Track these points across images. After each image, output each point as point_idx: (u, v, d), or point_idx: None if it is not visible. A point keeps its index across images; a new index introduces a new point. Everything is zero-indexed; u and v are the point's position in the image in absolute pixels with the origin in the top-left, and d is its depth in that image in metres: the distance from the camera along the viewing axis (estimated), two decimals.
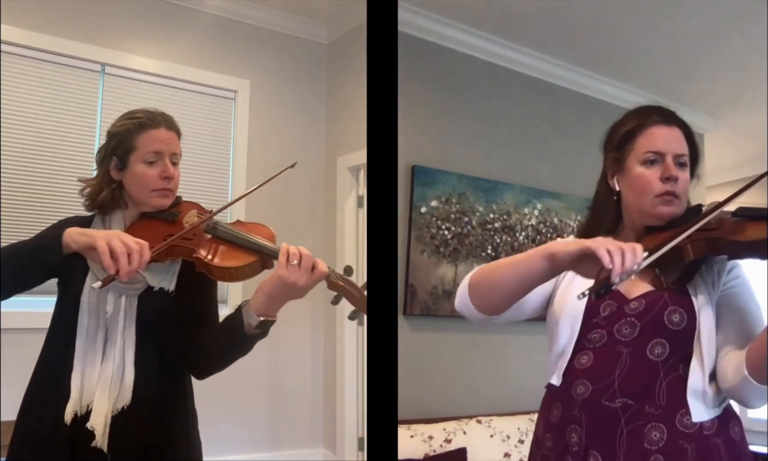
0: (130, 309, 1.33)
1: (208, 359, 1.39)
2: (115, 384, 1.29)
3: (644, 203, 1.25)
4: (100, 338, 1.31)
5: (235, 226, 1.42)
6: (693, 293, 1.19)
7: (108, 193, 1.42)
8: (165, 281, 1.37)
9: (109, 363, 1.30)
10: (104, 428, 1.26)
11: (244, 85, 3.78)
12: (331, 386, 3.77)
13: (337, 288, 1.35)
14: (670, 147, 1.24)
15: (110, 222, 1.42)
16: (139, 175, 1.39)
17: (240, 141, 3.74)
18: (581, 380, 1.21)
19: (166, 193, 1.41)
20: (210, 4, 3.67)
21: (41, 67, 3.20)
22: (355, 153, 3.72)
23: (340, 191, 3.81)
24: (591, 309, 1.24)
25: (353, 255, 3.75)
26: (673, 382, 1.16)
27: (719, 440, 1.14)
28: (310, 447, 3.79)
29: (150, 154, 1.38)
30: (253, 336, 1.32)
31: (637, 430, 1.13)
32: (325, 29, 4.04)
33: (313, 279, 1.29)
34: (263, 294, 1.29)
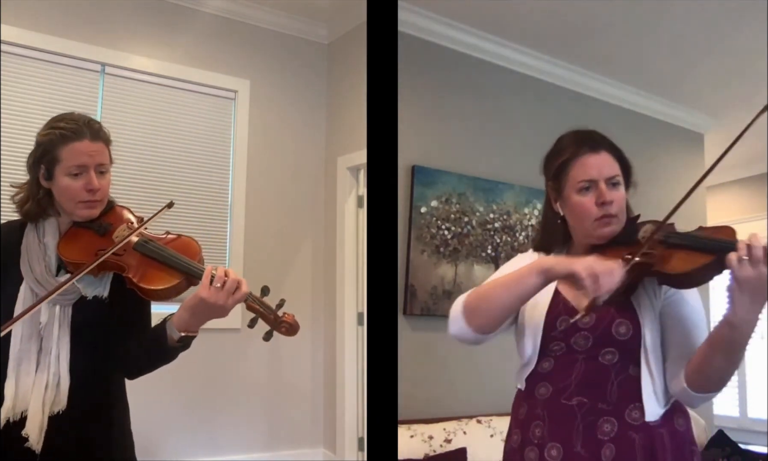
0: (64, 318, 1.35)
1: (136, 364, 1.43)
2: (50, 391, 1.31)
3: (585, 227, 1.37)
4: (34, 347, 1.33)
5: (166, 243, 1.43)
6: (636, 305, 1.32)
7: (34, 204, 1.42)
8: (99, 288, 1.39)
9: (43, 371, 1.32)
10: (39, 434, 1.29)
11: (244, 85, 3.78)
12: (331, 386, 3.77)
13: (253, 310, 1.38)
14: (602, 172, 1.35)
15: (43, 229, 1.42)
16: (64, 187, 1.38)
17: (240, 141, 3.74)
18: (543, 383, 1.38)
19: (93, 205, 1.40)
20: (210, 4, 3.67)
21: (41, 67, 3.20)
22: (355, 153, 3.72)
23: (340, 191, 3.81)
24: (549, 324, 1.38)
25: (353, 255, 3.75)
26: (623, 382, 1.31)
27: (664, 430, 1.29)
28: (310, 447, 3.79)
29: (73, 167, 1.37)
30: (175, 349, 1.36)
31: (591, 424, 1.30)
32: (325, 29, 4.04)
33: (233, 301, 1.31)
34: (185, 311, 1.32)
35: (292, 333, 1.40)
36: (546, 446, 1.32)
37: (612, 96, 4.15)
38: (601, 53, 3.74)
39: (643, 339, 1.30)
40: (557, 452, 1.31)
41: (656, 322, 1.32)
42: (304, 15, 3.91)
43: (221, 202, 3.65)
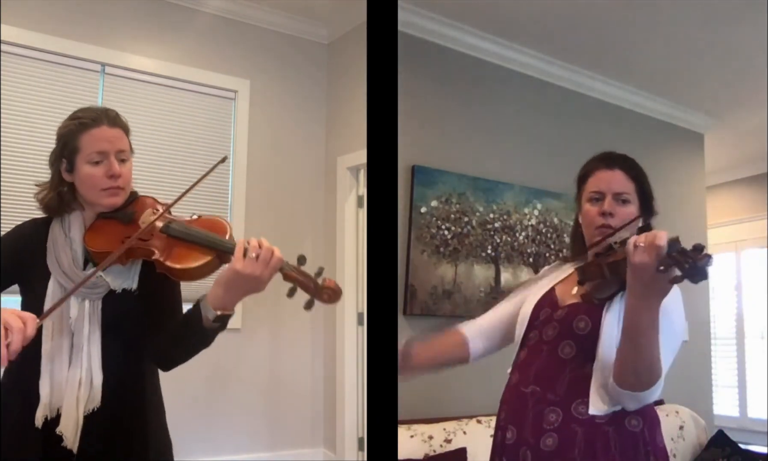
0: (94, 312, 1.34)
1: (171, 353, 1.39)
2: (84, 389, 1.30)
3: (589, 234, 1.52)
4: (66, 343, 1.32)
5: (191, 223, 1.42)
6: (607, 308, 1.39)
7: (55, 197, 1.42)
8: (127, 281, 1.38)
9: (76, 367, 1.31)
10: (74, 432, 1.28)
11: (244, 85, 3.78)
12: (331, 386, 3.77)
13: (292, 279, 1.33)
14: (610, 187, 1.49)
15: (69, 223, 1.42)
16: (86, 175, 1.38)
17: (240, 141, 3.74)
18: (515, 371, 1.52)
19: (116, 192, 1.40)
20: (210, 4, 3.67)
21: (41, 67, 3.20)
22: (355, 153, 3.72)
23: (340, 191, 3.81)
24: (534, 315, 1.52)
25: (353, 255, 3.75)
26: (576, 377, 1.38)
27: (610, 429, 1.34)
28: (310, 447, 3.79)
29: (94, 153, 1.37)
30: (211, 330, 1.31)
31: (539, 412, 1.38)
32: (325, 29, 4.04)
33: (269, 271, 1.27)
34: (220, 287, 1.28)
35: (335, 300, 1.35)
36: (505, 428, 1.45)
37: (612, 96, 4.15)
38: (601, 53, 3.73)
39: (600, 338, 1.37)
40: (512, 435, 1.42)
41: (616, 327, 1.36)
42: (304, 15, 3.91)
43: (221, 202, 3.65)
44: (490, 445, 1.60)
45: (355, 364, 3.68)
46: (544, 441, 1.35)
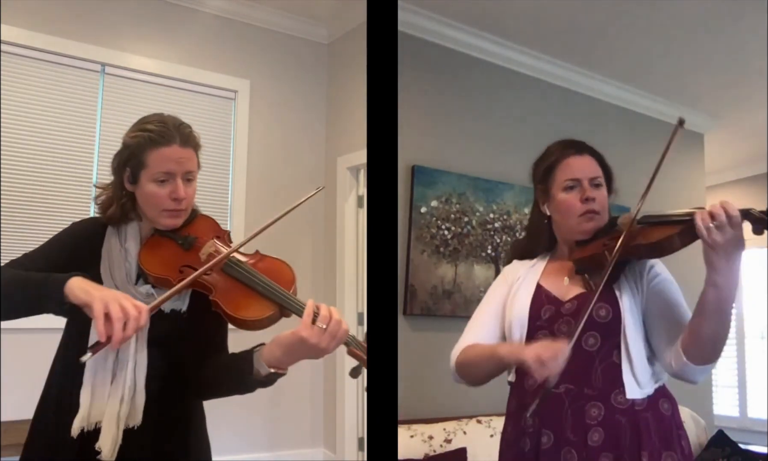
0: (141, 330, 1.28)
1: (210, 388, 1.36)
2: (126, 406, 1.26)
3: (570, 223, 1.49)
4: (111, 358, 1.27)
5: (255, 264, 1.36)
6: (618, 291, 1.39)
7: (117, 208, 1.36)
8: (178, 302, 1.33)
9: (119, 384, 1.26)
10: (113, 447, 1.24)
11: (244, 85, 3.78)
12: (331, 386, 3.77)
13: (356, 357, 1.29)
14: (585, 172, 1.48)
15: (125, 233, 1.37)
16: (149, 193, 1.32)
17: (240, 141, 3.74)
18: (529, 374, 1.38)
19: (177, 214, 1.36)
20: (210, 4, 3.67)
21: (41, 67, 3.20)
22: (355, 153, 3.72)
23: (340, 191, 3.81)
24: (534, 314, 1.47)
25: (353, 255, 3.75)
26: (607, 368, 1.37)
27: (648, 414, 1.34)
28: (310, 447, 3.79)
29: (160, 173, 1.31)
30: (258, 382, 1.27)
31: (579, 409, 1.35)
32: (326, 29, 4.04)
33: (335, 344, 1.23)
34: (279, 348, 1.22)
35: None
36: (538, 434, 1.37)
37: (612, 96, 4.15)
38: (600, 53, 3.73)
39: (623, 323, 1.36)
40: (548, 439, 1.36)
41: (637, 307, 1.38)
42: (304, 15, 3.91)
43: (221, 202, 3.65)
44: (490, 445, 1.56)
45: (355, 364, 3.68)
46: (591, 436, 1.32)
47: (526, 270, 1.58)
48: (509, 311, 1.53)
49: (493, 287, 1.65)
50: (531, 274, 1.56)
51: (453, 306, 3.33)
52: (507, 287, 1.59)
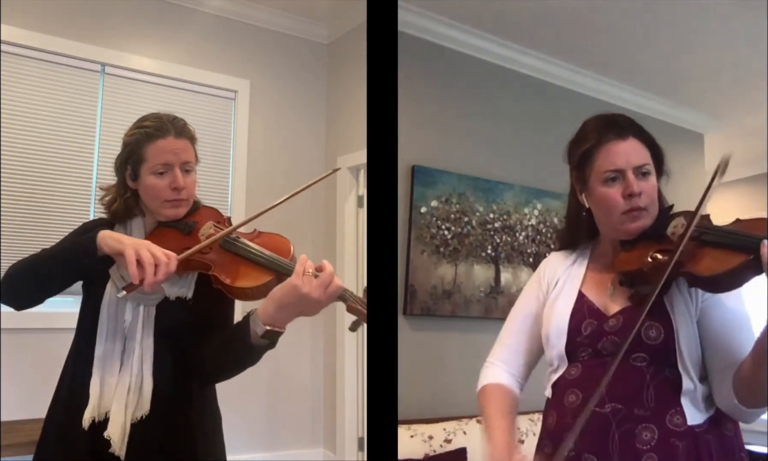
0: (148, 318, 1.32)
1: (215, 367, 1.36)
2: (133, 394, 1.28)
3: (612, 221, 1.27)
4: (119, 346, 1.31)
5: (253, 239, 1.40)
6: (669, 306, 1.20)
7: (121, 203, 1.42)
8: (183, 289, 1.36)
9: (127, 372, 1.29)
10: (122, 437, 1.26)
11: (244, 85, 3.78)
12: (331, 386, 3.77)
13: (356, 313, 1.29)
14: (629, 161, 1.25)
15: (131, 229, 1.42)
16: (150, 186, 1.38)
17: (240, 141, 3.74)
18: (572, 390, 1.26)
19: (178, 204, 1.41)
20: (210, 4, 3.66)
21: (41, 67, 3.20)
22: (355, 153, 3.72)
23: (340, 191, 3.81)
24: (574, 329, 1.29)
25: (353, 255, 3.75)
26: (660, 385, 1.18)
27: (710, 436, 1.17)
28: (310, 447, 3.79)
29: (158, 165, 1.37)
30: (259, 347, 1.27)
31: (628, 432, 1.17)
32: (325, 29, 4.04)
33: (327, 295, 1.23)
34: (273, 302, 1.24)
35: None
36: (579, 458, 1.20)
37: (612, 96, 4.15)
38: (601, 53, 3.73)
39: (678, 344, 1.18)
40: None
41: (692, 326, 1.20)
42: (304, 15, 3.91)
43: (221, 202, 3.65)
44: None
45: (355, 364, 3.68)
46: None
47: (566, 270, 1.39)
48: (547, 321, 1.35)
49: (525, 291, 1.47)
50: (571, 279, 1.37)
51: (453, 306, 3.33)
52: (542, 292, 1.42)
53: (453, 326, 3.33)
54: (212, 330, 1.37)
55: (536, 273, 1.47)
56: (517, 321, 1.45)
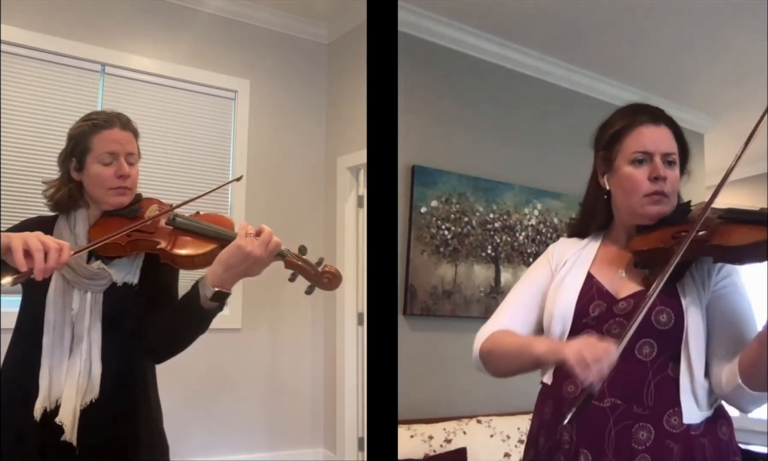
0: (95, 305, 1.37)
1: (167, 339, 1.40)
2: (83, 379, 1.33)
3: (633, 202, 1.27)
4: (67, 334, 1.35)
5: (195, 217, 1.47)
6: (682, 293, 1.20)
7: (65, 192, 1.47)
8: (129, 275, 1.42)
9: (76, 358, 1.34)
10: (73, 422, 1.30)
11: (244, 85, 3.78)
12: (331, 386, 3.77)
13: (293, 266, 1.38)
14: (659, 146, 1.26)
15: (75, 220, 1.46)
16: (96, 174, 1.43)
17: (240, 141, 3.74)
18: (571, 379, 1.22)
19: (123, 191, 1.45)
20: (210, 4, 3.67)
21: (41, 67, 3.20)
22: (355, 153, 3.72)
23: (340, 191, 3.81)
24: (581, 310, 1.27)
25: (353, 255, 3.75)
26: (661, 383, 1.18)
27: (705, 440, 1.16)
28: (310, 447, 3.79)
29: (105, 154, 1.43)
30: (209, 311, 1.33)
31: (625, 430, 1.16)
32: (325, 29, 4.04)
33: (268, 252, 1.31)
34: (219, 263, 1.31)
35: (335, 286, 1.40)
36: (575, 453, 1.19)
37: (612, 96, 4.15)
38: (601, 53, 3.74)
39: (686, 331, 1.17)
40: (586, 459, 1.18)
41: (702, 313, 1.19)
42: (304, 15, 3.91)
43: (221, 202, 3.65)
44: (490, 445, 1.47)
45: (355, 364, 3.69)
46: None
47: (576, 252, 1.37)
48: (551, 301, 1.32)
49: (534, 267, 1.43)
50: (581, 260, 1.35)
51: (453, 306, 3.33)
52: (550, 271, 1.38)
53: (453, 326, 3.33)
54: (159, 311, 1.42)
55: (544, 254, 1.45)
56: (523, 297, 1.40)
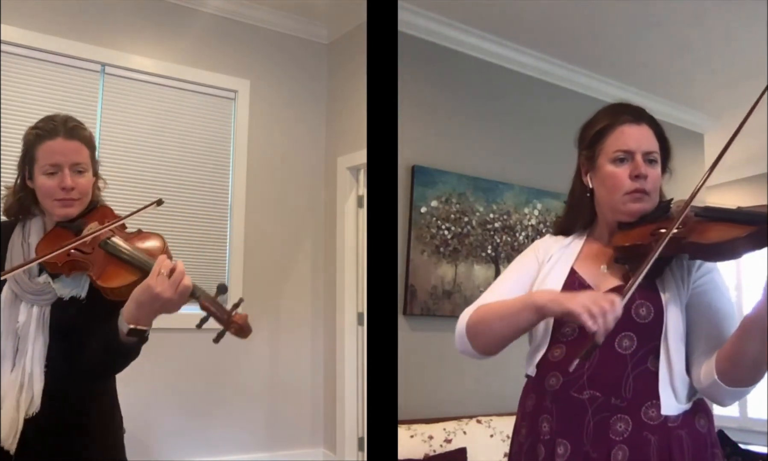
0: (42, 318, 1.35)
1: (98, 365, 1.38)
2: (25, 393, 1.31)
3: (615, 200, 1.30)
4: (11, 346, 1.33)
5: (129, 240, 1.41)
6: (661, 288, 1.23)
7: (15, 201, 1.45)
8: (76, 289, 1.39)
9: (18, 372, 1.32)
10: (13, 434, 1.29)
11: (244, 85, 3.78)
12: (331, 386, 3.77)
13: (205, 308, 1.32)
14: (640, 145, 1.29)
15: (30, 228, 1.44)
16: (40, 185, 1.40)
17: (240, 141, 3.74)
18: (553, 372, 1.27)
19: (69, 203, 1.40)
20: (210, 4, 3.66)
21: (41, 67, 3.20)
22: (355, 153, 3.72)
23: (340, 191, 3.81)
24: None
25: (353, 255, 3.75)
26: (640, 376, 1.20)
27: (683, 432, 1.19)
28: (310, 447, 3.79)
29: (47, 166, 1.39)
30: (128, 344, 1.30)
31: (603, 421, 1.19)
32: (325, 29, 4.04)
33: (178, 294, 1.26)
34: (132, 301, 1.28)
35: (243, 335, 1.32)
36: (554, 443, 1.22)
37: (612, 96, 4.15)
38: (601, 53, 3.74)
39: (665, 325, 1.20)
40: (564, 450, 1.21)
41: (681, 308, 1.22)
42: (304, 15, 3.91)
43: (221, 202, 3.65)
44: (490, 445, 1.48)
45: (355, 364, 3.68)
46: (615, 454, 1.16)
47: (560, 249, 1.40)
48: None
49: (521, 257, 1.46)
50: (565, 256, 1.38)
51: (453, 306, 3.33)
52: (537, 264, 1.41)
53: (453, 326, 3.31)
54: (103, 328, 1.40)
55: (530, 247, 1.47)
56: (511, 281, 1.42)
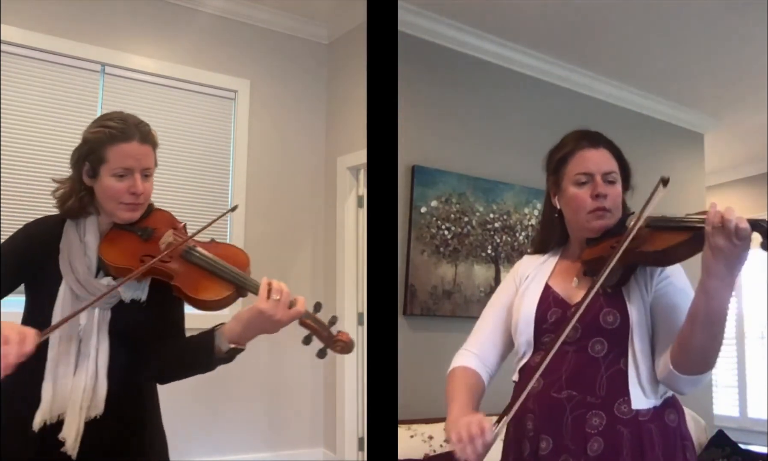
0: (103, 320, 1.34)
1: (171, 370, 1.40)
2: (87, 395, 1.31)
3: (580, 219, 1.43)
4: (73, 349, 1.32)
5: (211, 249, 1.41)
6: (626, 295, 1.35)
7: (76, 201, 1.42)
8: (138, 291, 1.38)
9: (82, 374, 1.31)
10: (76, 438, 1.29)
11: (244, 85, 3.78)
12: (331, 386, 3.77)
13: (308, 327, 1.35)
14: (599, 167, 1.42)
15: (84, 227, 1.41)
16: (107, 187, 1.37)
17: (240, 141, 3.74)
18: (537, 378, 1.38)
19: (134, 208, 1.40)
20: (210, 4, 3.67)
21: (41, 67, 3.20)
22: (355, 153, 3.72)
23: (340, 191, 3.81)
24: (540, 317, 1.43)
25: (353, 255, 3.75)
26: (613, 375, 1.32)
27: (653, 425, 1.30)
28: (310, 447, 3.79)
29: (119, 168, 1.35)
30: (219, 360, 1.33)
31: (579, 417, 1.31)
32: (325, 29, 4.04)
33: (290, 316, 1.29)
34: (240, 323, 1.30)
35: (346, 352, 1.36)
36: (537, 438, 1.35)
37: (612, 96, 4.15)
38: (601, 53, 3.74)
39: (631, 329, 1.32)
40: (547, 444, 1.33)
41: (645, 312, 1.34)
42: (304, 15, 3.91)
43: (221, 202, 3.65)
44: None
45: (355, 364, 3.69)
46: (591, 446, 1.28)
47: (536, 267, 1.53)
48: (516, 312, 1.48)
49: (500, 288, 1.61)
50: (540, 273, 1.51)
51: (453, 306, 3.33)
52: (514, 286, 1.55)
53: (453, 326, 3.32)
54: (165, 331, 1.41)
55: (510, 272, 1.63)
56: (492, 313, 1.56)
